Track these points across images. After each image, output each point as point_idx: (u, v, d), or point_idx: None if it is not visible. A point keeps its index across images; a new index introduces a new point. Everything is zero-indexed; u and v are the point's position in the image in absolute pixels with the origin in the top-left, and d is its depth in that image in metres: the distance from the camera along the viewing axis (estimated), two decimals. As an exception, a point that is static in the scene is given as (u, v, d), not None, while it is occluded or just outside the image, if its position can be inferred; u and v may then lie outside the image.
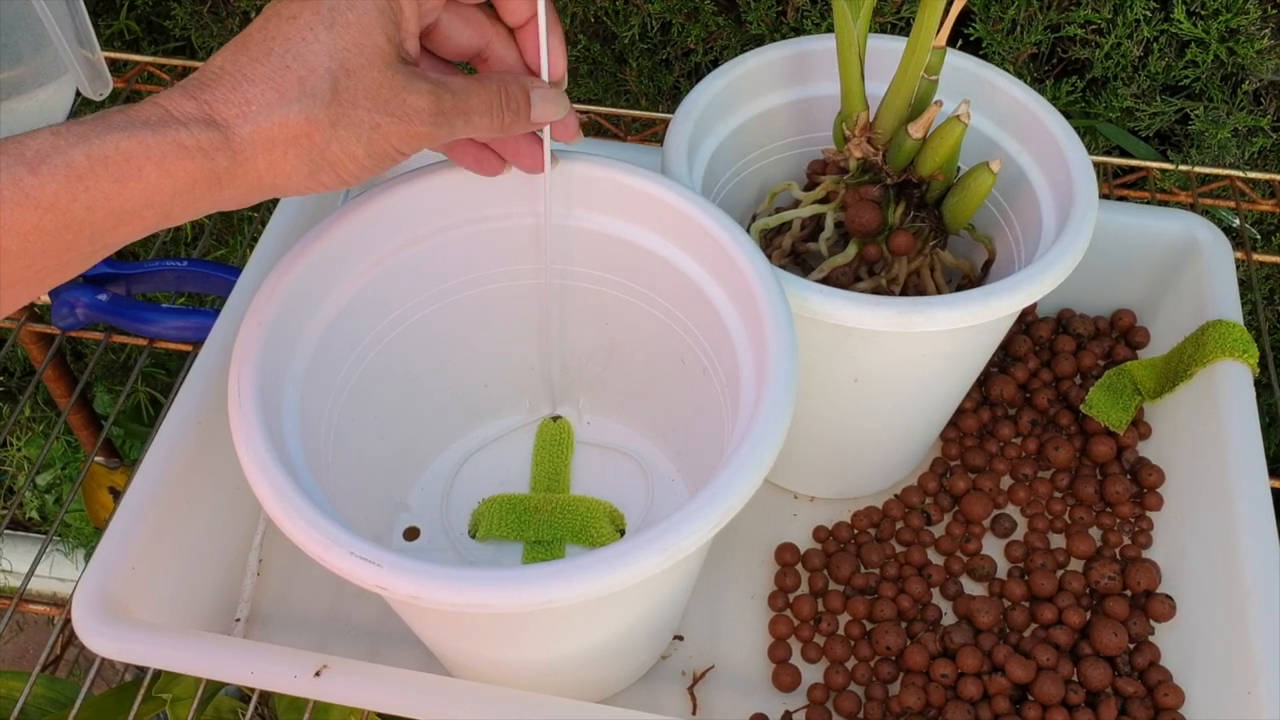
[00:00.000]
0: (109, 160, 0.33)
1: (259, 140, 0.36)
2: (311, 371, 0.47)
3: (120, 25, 0.88)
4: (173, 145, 0.34)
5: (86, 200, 0.33)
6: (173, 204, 0.35)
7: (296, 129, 0.36)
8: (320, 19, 0.37)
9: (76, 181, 0.33)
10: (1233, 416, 0.55)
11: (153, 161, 0.34)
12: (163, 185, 0.34)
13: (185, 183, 0.35)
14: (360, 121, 0.37)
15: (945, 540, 0.59)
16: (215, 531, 0.55)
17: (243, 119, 0.36)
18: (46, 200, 0.32)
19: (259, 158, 0.36)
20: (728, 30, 0.79)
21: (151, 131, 0.34)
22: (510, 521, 0.56)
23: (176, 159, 0.34)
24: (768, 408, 0.42)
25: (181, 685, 0.59)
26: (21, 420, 1.21)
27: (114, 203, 0.34)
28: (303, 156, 0.37)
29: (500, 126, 0.42)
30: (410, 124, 0.38)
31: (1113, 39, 0.74)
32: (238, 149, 0.36)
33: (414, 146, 0.39)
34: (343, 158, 0.38)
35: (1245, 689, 0.48)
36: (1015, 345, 0.65)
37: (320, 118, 0.36)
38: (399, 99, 0.38)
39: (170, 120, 0.35)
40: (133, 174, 0.34)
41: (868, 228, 0.52)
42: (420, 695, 0.45)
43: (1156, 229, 0.63)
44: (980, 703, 0.53)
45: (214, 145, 0.35)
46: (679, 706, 0.54)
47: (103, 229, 0.34)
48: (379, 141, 0.38)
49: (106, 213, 0.34)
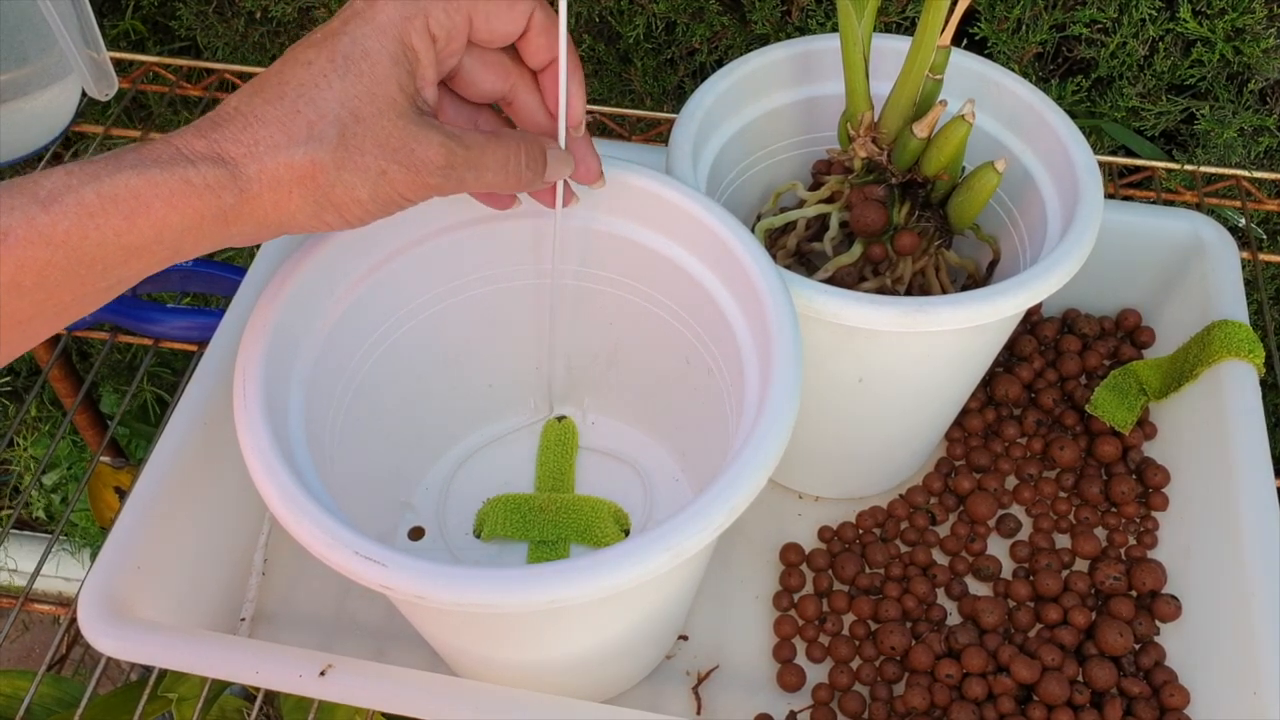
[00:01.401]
0: (119, 198, 0.34)
1: (265, 179, 0.37)
2: (316, 371, 0.47)
3: (125, 25, 0.89)
4: (181, 183, 0.35)
5: (98, 237, 0.34)
6: (182, 239, 0.36)
7: (301, 170, 0.37)
8: (334, 66, 0.38)
9: (88, 219, 0.34)
10: (1238, 416, 0.55)
11: (161, 199, 0.35)
12: (171, 221, 0.35)
13: (193, 219, 0.36)
14: (366, 167, 0.38)
15: (950, 540, 0.59)
16: (220, 531, 0.55)
17: (250, 158, 0.37)
18: (59, 238, 0.33)
19: (265, 196, 0.37)
20: (732, 30, 0.79)
21: (161, 169, 0.35)
22: (515, 521, 0.56)
23: (185, 196, 0.35)
24: (772, 407, 0.42)
25: (187, 685, 0.60)
26: (27, 420, 1.21)
27: (125, 239, 0.35)
28: (307, 197, 0.38)
29: (515, 184, 0.43)
30: (418, 174, 0.39)
31: (1118, 38, 0.74)
32: (244, 187, 0.37)
33: (421, 195, 0.40)
34: (347, 200, 0.38)
35: (1250, 689, 0.48)
36: (1020, 345, 0.65)
37: (325, 161, 0.37)
38: (408, 149, 0.39)
39: (180, 158, 0.36)
40: (142, 210, 0.35)
41: (873, 227, 0.52)
42: (425, 695, 0.45)
43: (1162, 229, 0.63)
44: (985, 703, 0.52)
45: (221, 183, 0.36)
46: (683, 706, 0.54)
47: (115, 264, 0.35)
48: (384, 188, 0.39)
49: (117, 249, 0.35)
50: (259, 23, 0.87)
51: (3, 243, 0.32)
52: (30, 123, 0.73)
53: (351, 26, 0.38)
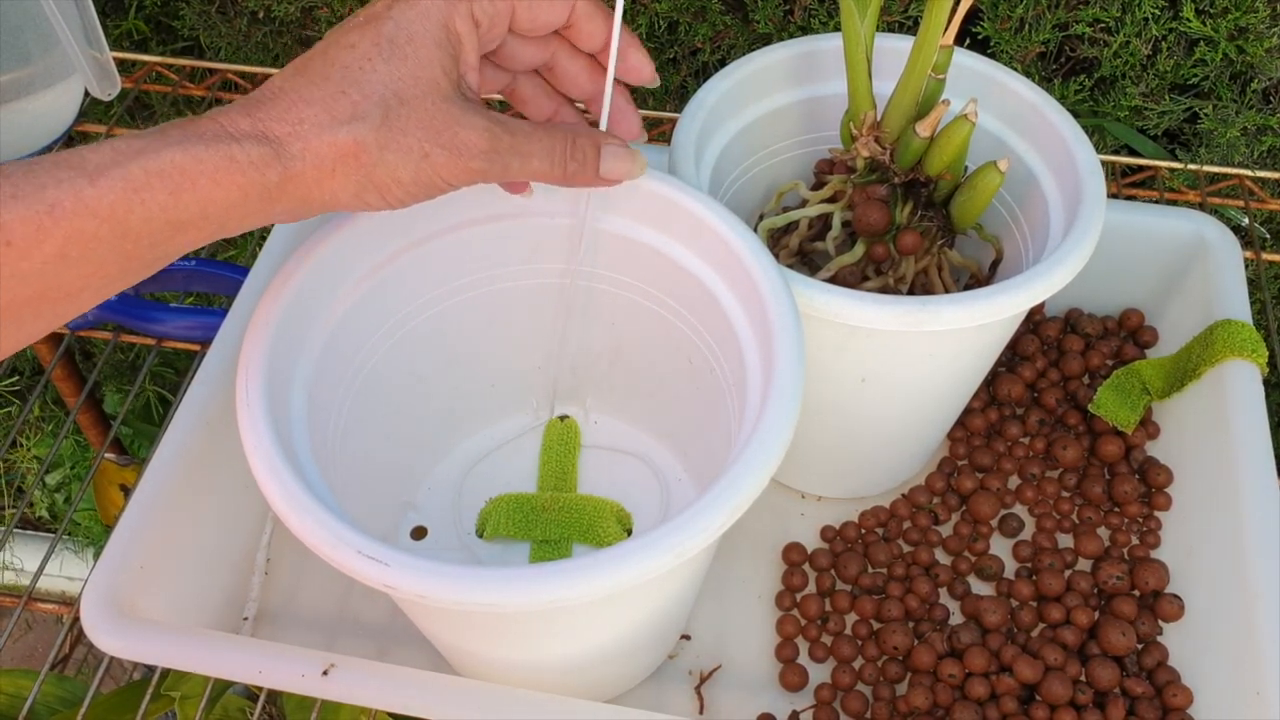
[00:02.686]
0: (165, 173, 0.35)
1: (309, 158, 0.37)
2: (319, 370, 0.47)
3: (129, 25, 0.89)
4: (225, 159, 0.36)
5: (143, 212, 0.34)
6: (227, 215, 0.36)
7: (345, 149, 0.37)
8: (379, 50, 0.38)
9: (133, 194, 0.34)
10: (1242, 416, 0.55)
11: (206, 175, 0.35)
12: (216, 198, 0.36)
13: (238, 196, 0.36)
14: (409, 149, 0.38)
15: (953, 540, 0.59)
16: (223, 530, 0.55)
17: (294, 137, 0.37)
18: (104, 211, 0.34)
19: (308, 174, 0.37)
20: (735, 29, 0.79)
21: (205, 146, 0.35)
22: (517, 521, 0.56)
23: (229, 173, 0.36)
24: (774, 407, 0.42)
25: (190, 684, 0.60)
26: (31, 420, 1.21)
27: (170, 214, 0.35)
28: (350, 176, 0.38)
29: (562, 177, 0.43)
30: (460, 158, 0.39)
31: (1121, 37, 0.74)
32: (288, 165, 0.37)
33: (464, 180, 0.40)
34: (389, 181, 0.39)
35: (1254, 689, 0.48)
36: (1023, 344, 0.65)
37: (369, 141, 0.38)
38: (451, 131, 0.39)
39: (225, 136, 0.36)
40: (187, 187, 0.35)
41: (875, 227, 0.52)
42: (428, 694, 0.45)
43: (1165, 228, 0.63)
44: (988, 703, 0.52)
45: (265, 160, 0.36)
46: (686, 706, 0.54)
47: (160, 239, 0.35)
48: (427, 170, 0.39)
49: (163, 223, 0.35)
50: (261, 22, 0.87)
51: (51, 214, 0.33)
52: (33, 123, 0.73)
53: (396, 10, 0.39)
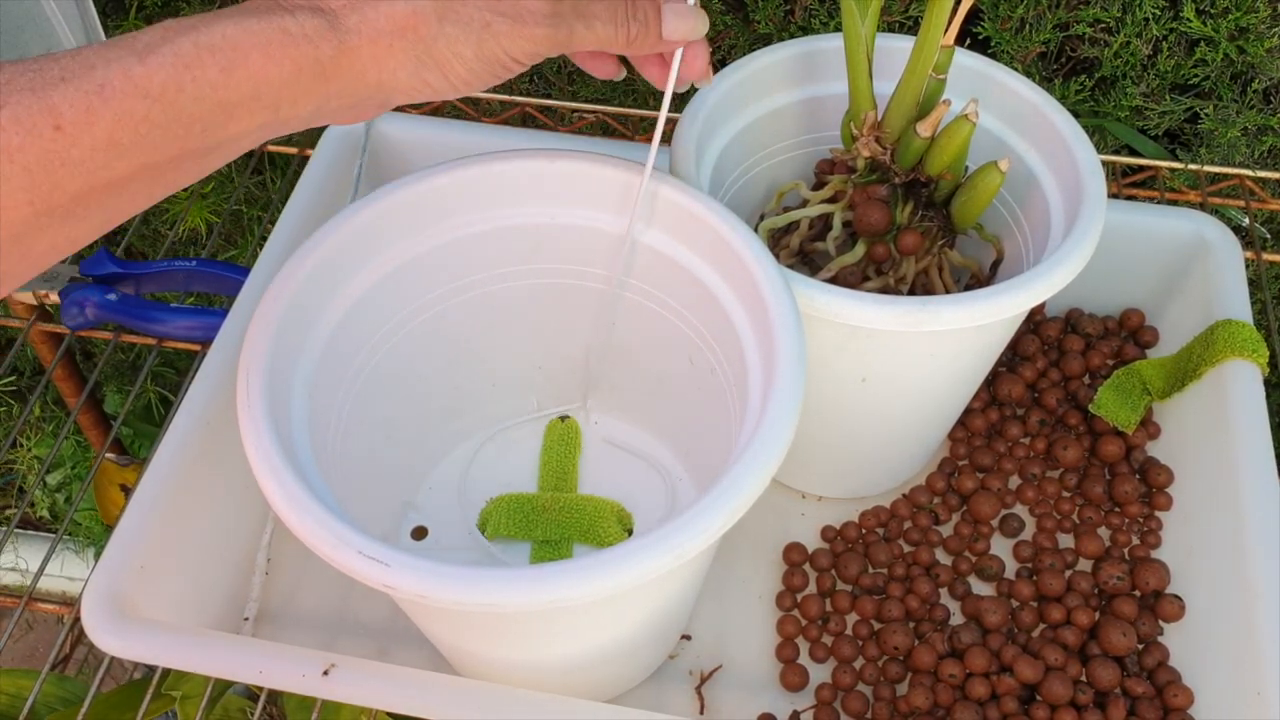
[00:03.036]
0: (216, 48, 0.33)
1: (365, 30, 0.36)
2: (319, 371, 0.47)
3: (130, 25, 0.89)
4: (279, 32, 0.34)
5: (194, 90, 0.33)
6: (280, 95, 0.35)
7: (402, 20, 0.36)
8: None
9: (184, 70, 0.33)
10: (1242, 416, 0.55)
11: (259, 49, 0.34)
12: (269, 73, 0.34)
13: (291, 71, 0.35)
14: (470, 19, 0.37)
15: (953, 540, 0.59)
16: (224, 531, 0.55)
17: (349, 9, 0.36)
18: (155, 90, 0.32)
19: (364, 49, 0.36)
20: (735, 29, 0.79)
21: (258, 19, 0.34)
22: (518, 521, 0.56)
23: (282, 46, 0.34)
24: (775, 407, 0.42)
25: (190, 684, 0.60)
26: (31, 420, 1.21)
27: (221, 93, 0.34)
28: (408, 51, 0.36)
29: (625, 40, 0.41)
30: (524, 25, 0.37)
31: (1122, 37, 0.74)
32: (343, 38, 0.36)
33: (528, 51, 0.38)
34: (449, 56, 0.37)
35: (1254, 689, 0.48)
36: (1023, 345, 0.65)
37: (427, 11, 0.36)
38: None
39: (278, 8, 0.35)
40: (240, 61, 0.34)
41: (876, 227, 0.52)
42: (428, 694, 0.45)
43: (1165, 228, 0.63)
44: (988, 703, 0.52)
45: (319, 32, 0.35)
46: (687, 706, 0.54)
47: (214, 123, 0.34)
48: (489, 42, 0.37)
49: (214, 104, 0.34)
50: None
51: (100, 94, 0.31)
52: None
53: None
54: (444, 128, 0.68)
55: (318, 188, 0.63)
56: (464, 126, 0.68)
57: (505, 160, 0.50)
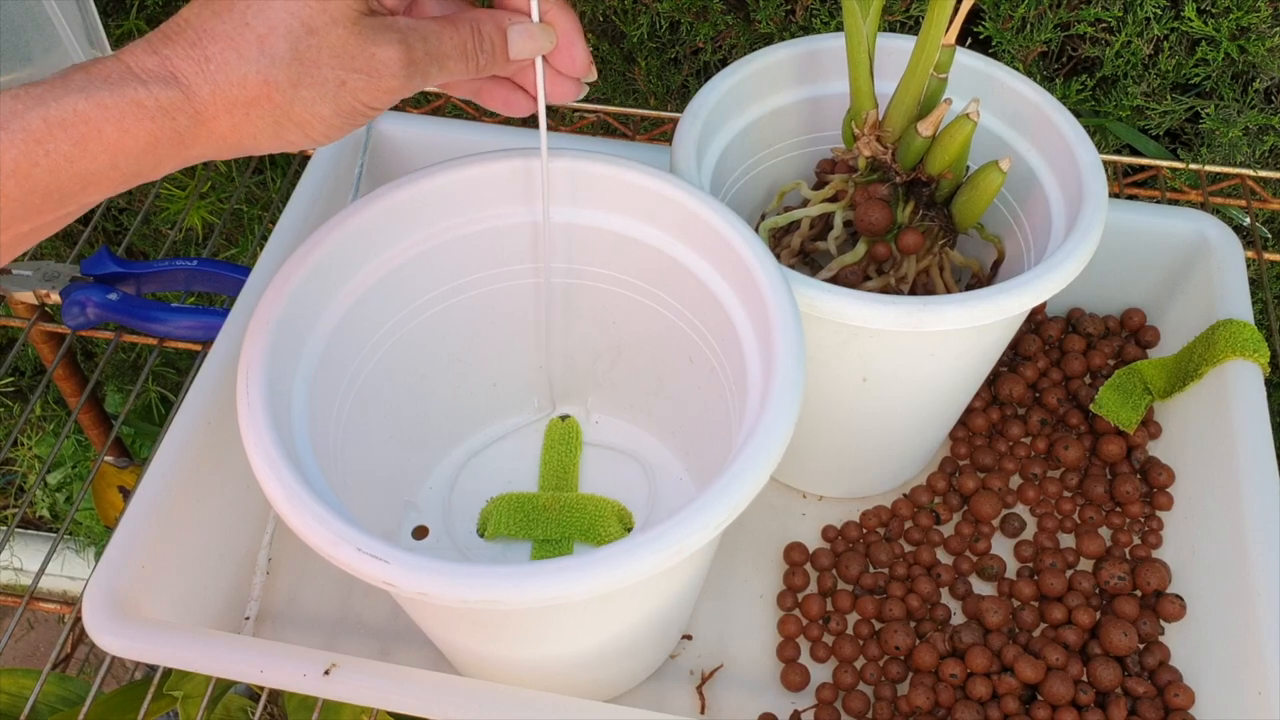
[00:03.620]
0: (67, 123, 0.33)
1: (219, 101, 0.35)
2: (320, 370, 0.47)
3: (130, 25, 0.89)
4: (132, 105, 0.34)
5: (48, 165, 0.32)
6: (139, 163, 0.35)
7: (256, 91, 0.35)
8: None
9: (35, 146, 0.32)
10: (1243, 416, 0.55)
11: (112, 122, 0.33)
12: (125, 144, 0.34)
13: (147, 143, 0.34)
14: (324, 80, 0.36)
15: (954, 540, 0.59)
16: (225, 530, 0.55)
17: (202, 78, 0.35)
18: (7, 167, 0.32)
19: (221, 119, 0.36)
20: (736, 29, 0.79)
21: (110, 91, 0.33)
22: (519, 520, 0.56)
23: (136, 120, 0.34)
24: (774, 405, 0.42)
25: (191, 683, 0.60)
26: (32, 419, 1.21)
27: (76, 166, 0.33)
28: (265, 118, 0.36)
29: (475, 69, 0.41)
30: (379, 79, 0.37)
31: (1123, 37, 0.74)
32: (199, 110, 0.35)
33: (385, 101, 0.38)
34: (308, 117, 0.37)
35: (1255, 689, 0.48)
36: (1025, 344, 0.65)
37: (279, 79, 0.35)
38: (366, 54, 0.37)
39: (130, 78, 0.34)
40: (93, 135, 0.33)
41: (877, 226, 0.52)
42: (429, 694, 0.45)
43: (1166, 228, 0.63)
44: (989, 703, 0.52)
45: (174, 105, 0.34)
46: (688, 705, 0.54)
47: (70, 192, 0.33)
48: (346, 99, 0.37)
49: (70, 176, 0.33)
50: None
51: None
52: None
53: None
54: (444, 127, 0.68)
55: (318, 188, 0.63)
56: (465, 126, 0.68)
57: (505, 159, 0.50)
